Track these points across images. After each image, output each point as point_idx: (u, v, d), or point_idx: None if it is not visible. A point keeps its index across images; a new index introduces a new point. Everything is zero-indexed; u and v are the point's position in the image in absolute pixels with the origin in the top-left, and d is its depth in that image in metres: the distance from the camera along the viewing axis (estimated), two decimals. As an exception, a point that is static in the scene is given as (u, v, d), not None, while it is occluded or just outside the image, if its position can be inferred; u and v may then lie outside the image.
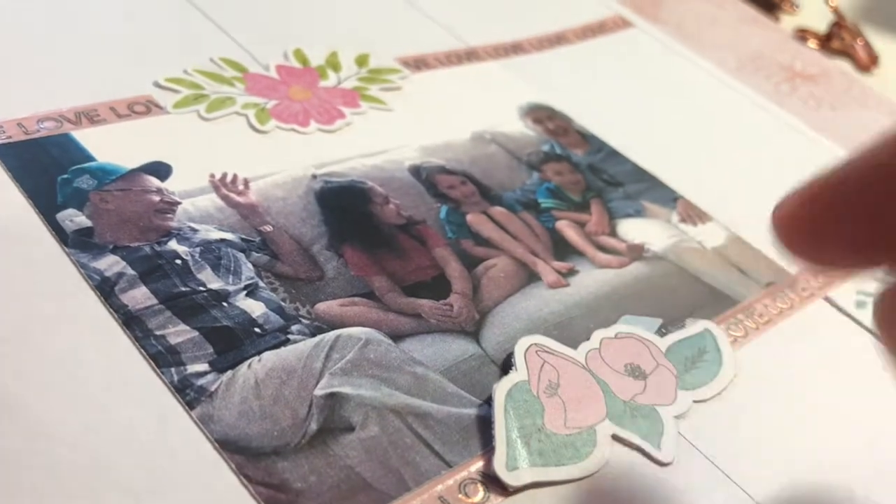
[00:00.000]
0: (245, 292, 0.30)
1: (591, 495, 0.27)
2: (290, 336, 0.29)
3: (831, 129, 0.50)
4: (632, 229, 0.38)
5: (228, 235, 0.32)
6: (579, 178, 0.41)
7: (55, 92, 0.36)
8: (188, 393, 0.26)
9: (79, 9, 0.41)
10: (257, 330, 0.29)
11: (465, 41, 0.48)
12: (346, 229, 0.34)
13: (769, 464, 0.30)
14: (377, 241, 0.34)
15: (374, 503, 0.25)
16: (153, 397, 0.26)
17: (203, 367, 0.27)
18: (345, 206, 0.35)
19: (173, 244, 0.31)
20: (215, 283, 0.30)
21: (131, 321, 0.28)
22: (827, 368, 0.34)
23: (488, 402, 0.29)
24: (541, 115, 0.44)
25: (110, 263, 0.29)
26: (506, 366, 0.30)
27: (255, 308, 0.30)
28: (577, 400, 0.29)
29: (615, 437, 0.29)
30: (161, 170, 0.34)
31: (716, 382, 0.31)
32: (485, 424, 0.28)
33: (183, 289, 0.29)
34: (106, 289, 0.28)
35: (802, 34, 0.63)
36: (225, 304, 0.29)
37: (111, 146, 0.34)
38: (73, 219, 0.31)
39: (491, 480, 0.26)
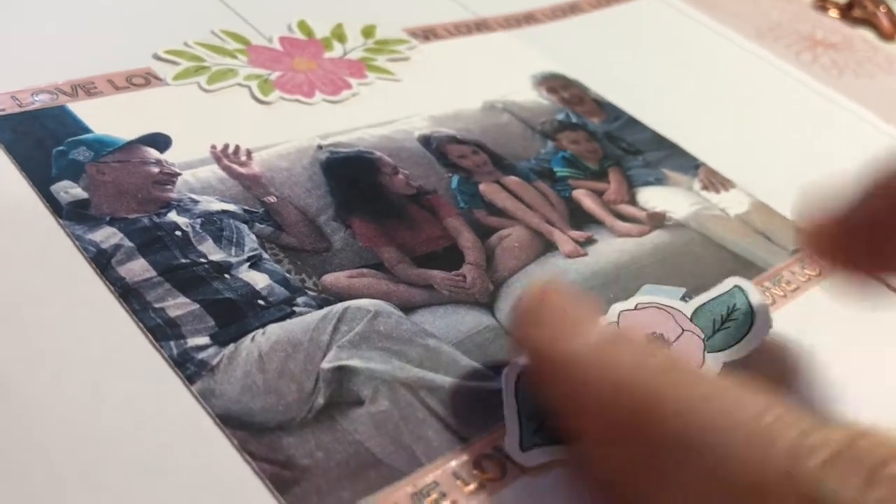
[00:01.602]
0: (248, 264, 0.29)
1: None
2: (295, 308, 0.28)
3: (856, 96, 0.49)
4: (652, 197, 0.37)
5: (230, 206, 0.31)
6: (596, 147, 0.39)
7: (51, 65, 0.35)
8: (188, 367, 0.25)
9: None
10: (261, 302, 0.28)
11: (474, 12, 0.47)
12: (353, 200, 0.33)
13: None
14: (386, 211, 0.33)
15: (384, 480, 0.23)
16: (151, 372, 0.25)
17: (204, 340, 0.26)
18: (352, 176, 0.34)
19: (173, 215, 0.30)
20: (217, 255, 0.29)
21: (128, 294, 0.26)
22: (859, 335, 0.32)
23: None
24: (555, 83, 0.42)
25: (107, 235, 0.28)
26: None
27: (259, 280, 0.28)
28: (596, 375, 0.28)
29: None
30: (160, 141, 0.32)
31: (747, 340, 0.30)
32: (500, 398, 0.26)
33: (183, 261, 0.28)
34: (102, 261, 0.27)
35: (822, 4, 0.61)
36: (227, 275, 0.28)
37: (109, 118, 0.33)
38: (69, 190, 0.29)
39: (508, 456, 0.25)
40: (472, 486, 0.24)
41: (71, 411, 0.23)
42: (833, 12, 0.60)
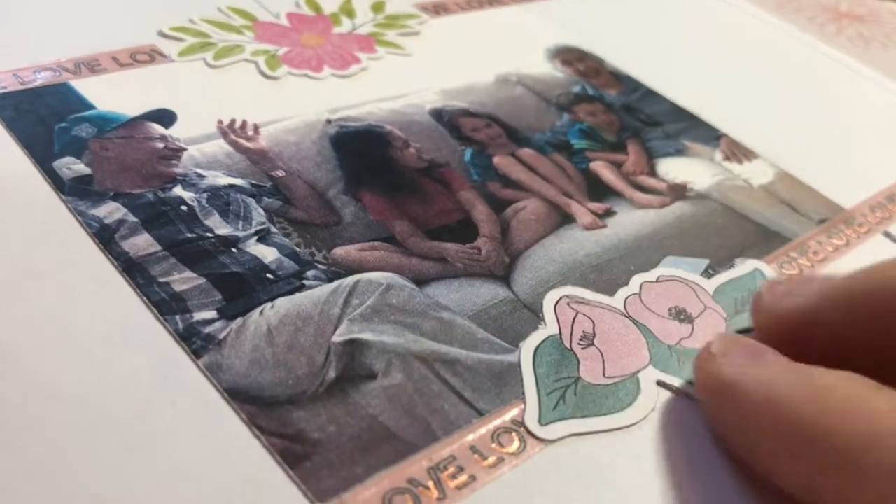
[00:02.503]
0: (256, 238, 0.28)
1: (635, 443, 0.24)
2: (305, 282, 0.27)
3: (884, 67, 0.47)
4: (673, 168, 0.36)
5: (237, 181, 0.30)
6: (613, 119, 0.38)
7: (54, 43, 0.34)
8: (194, 341, 0.24)
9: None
10: (269, 276, 0.27)
11: (486, -13, 0.46)
12: (363, 174, 0.32)
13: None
14: (397, 184, 0.32)
15: (399, 454, 0.22)
16: (156, 347, 0.24)
17: (211, 314, 0.25)
18: (362, 150, 0.33)
19: (178, 190, 0.29)
20: (224, 229, 0.28)
21: (132, 268, 0.26)
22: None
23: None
24: (570, 56, 0.41)
25: (110, 210, 0.27)
26: None
27: (267, 253, 0.27)
28: (616, 348, 0.27)
29: (661, 384, 0.26)
30: (165, 117, 0.32)
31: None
32: (518, 371, 0.25)
33: (189, 235, 0.27)
34: (105, 236, 0.26)
35: (845, -25, 0.59)
36: (234, 249, 0.27)
37: (113, 95, 0.32)
38: (71, 166, 0.29)
39: (528, 430, 0.24)
40: (490, 460, 0.23)
41: (75, 387, 0.22)
42: (856, -15, 0.59)
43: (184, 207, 0.28)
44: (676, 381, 0.26)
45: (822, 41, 0.49)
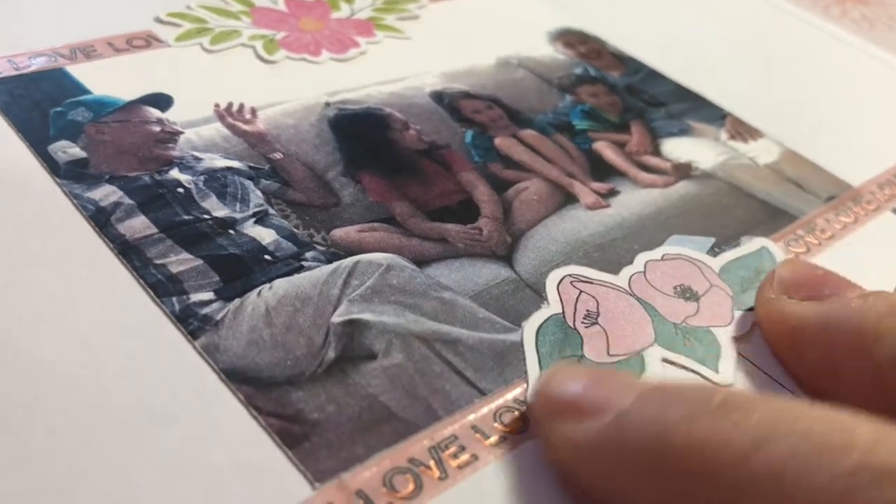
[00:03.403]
0: (254, 220, 0.28)
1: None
2: (304, 263, 0.26)
3: (890, 49, 0.47)
4: (677, 148, 0.35)
5: (235, 163, 0.30)
6: (616, 100, 0.37)
7: (49, 29, 0.34)
8: (191, 322, 0.24)
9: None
10: (267, 257, 0.26)
11: (486, -29, 0.45)
12: (362, 156, 0.31)
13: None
14: (397, 166, 0.31)
15: (399, 434, 0.22)
16: (152, 328, 0.23)
17: (208, 295, 0.25)
18: (361, 132, 0.32)
19: (175, 173, 0.28)
20: (221, 211, 0.28)
21: (128, 251, 0.25)
22: (900, 284, 0.31)
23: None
24: (572, 38, 0.41)
25: (106, 193, 0.27)
26: None
27: (265, 235, 0.27)
28: (621, 327, 0.26)
29: (667, 362, 0.26)
30: (161, 100, 0.31)
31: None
32: (520, 351, 0.25)
33: (186, 217, 0.27)
34: (101, 219, 0.26)
35: (849, -43, 0.59)
36: (232, 231, 0.27)
37: (109, 80, 0.32)
38: (66, 150, 0.28)
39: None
40: (492, 439, 0.22)
41: (71, 370, 0.22)
42: (860, -33, 0.58)
43: (180, 190, 0.28)
44: (683, 360, 0.26)
45: (827, 22, 0.48)
